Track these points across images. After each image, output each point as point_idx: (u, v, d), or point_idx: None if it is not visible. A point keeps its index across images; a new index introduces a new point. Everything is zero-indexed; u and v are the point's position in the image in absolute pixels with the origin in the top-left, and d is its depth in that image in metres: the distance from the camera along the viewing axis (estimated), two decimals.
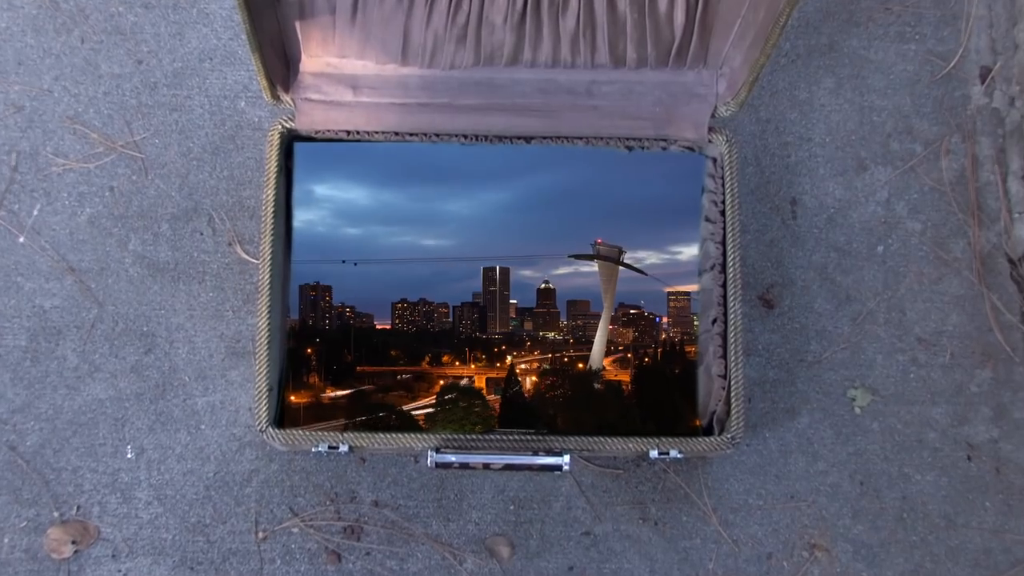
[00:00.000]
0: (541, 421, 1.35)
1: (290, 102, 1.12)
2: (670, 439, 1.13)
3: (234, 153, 1.30)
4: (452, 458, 1.07)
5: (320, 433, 1.15)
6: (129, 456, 1.22)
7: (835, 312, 1.29)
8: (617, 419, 1.40)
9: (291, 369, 1.44)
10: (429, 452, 1.08)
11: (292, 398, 1.43)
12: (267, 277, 1.19)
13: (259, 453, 1.30)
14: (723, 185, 1.17)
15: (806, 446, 1.25)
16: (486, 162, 1.26)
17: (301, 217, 1.32)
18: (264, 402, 1.16)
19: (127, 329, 1.28)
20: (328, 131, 1.17)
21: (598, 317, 1.84)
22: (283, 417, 1.23)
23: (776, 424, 1.29)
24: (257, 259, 1.34)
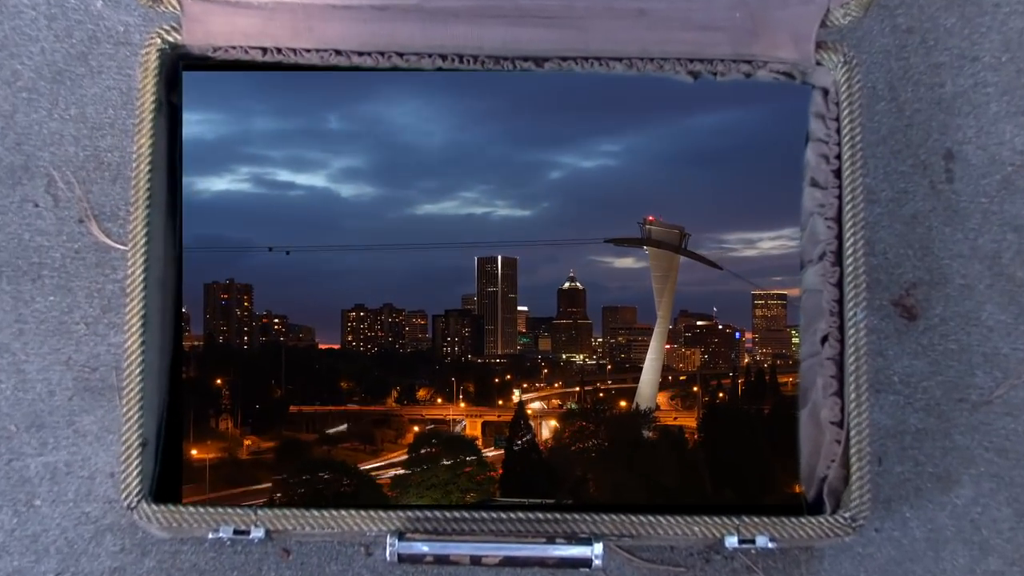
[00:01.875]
0: (563, 488, 1.35)
1: (174, 2, 1.13)
2: (756, 519, 1.13)
3: (87, 81, 1.28)
4: (424, 547, 1.06)
5: (223, 511, 1.13)
6: None
7: (1014, 326, 1.29)
8: (677, 486, 1.40)
9: (187, 411, 1.44)
10: (389, 539, 1.07)
11: (194, 452, 1.40)
12: (140, 272, 1.18)
13: (126, 542, 1.29)
14: (839, 131, 1.17)
15: (970, 533, 1.26)
16: (476, 97, 1.25)
17: (197, 180, 1.31)
18: (135, 463, 1.14)
19: None
20: (233, 48, 1.16)
21: (648, 332, 1.82)
22: (169, 485, 1.22)
23: (922, 498, 1.28)
24: (125, 244, 1.32)
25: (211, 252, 1.41)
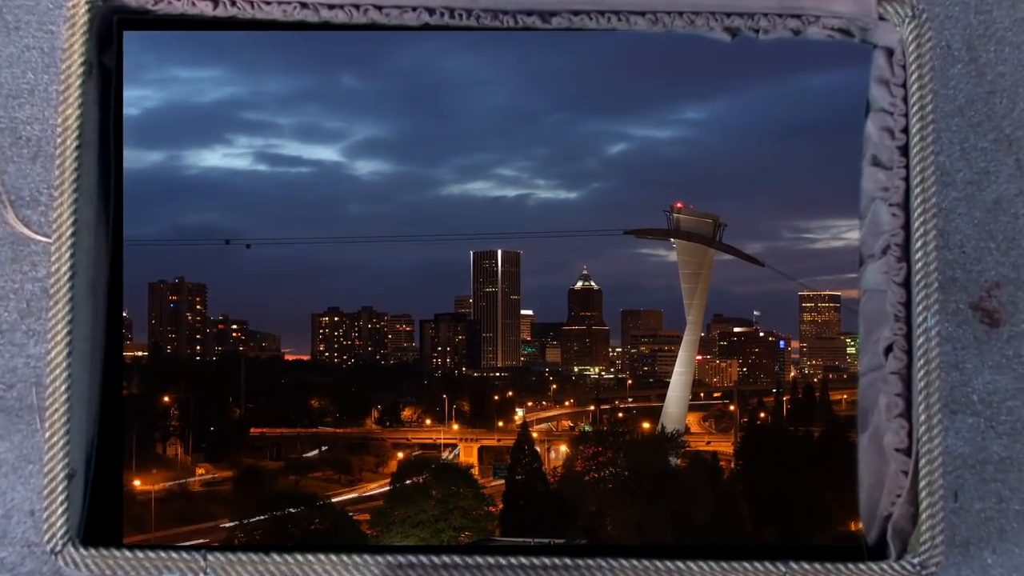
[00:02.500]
0: (575, 526, 1.32)
1: None
2: (807, 565, 1.12)
3: (0, 40, 1.27)
4: None
5: (167, 555, 1.12)
6: None
7: None
8: (712, 522, 1.37)
9: (127, 435, 1.42)
10: None
11: (135, 484, 1.38)
12: (66, 269, 1.16)
13: None
14: (906, 100, 1.15)
15: None
16: (470, 60, 1.22)
17: (138, 158, 1.29)
18: (60, 499, 1.13)
19: None
20: (179, 1, 1.15)
21: (675, 340, 1.80)
22: (104, 524, 1.20)
23: (1006, 540, 1.26)
24: (48, 235, 1.30)
25: (157, 247, 1.37)
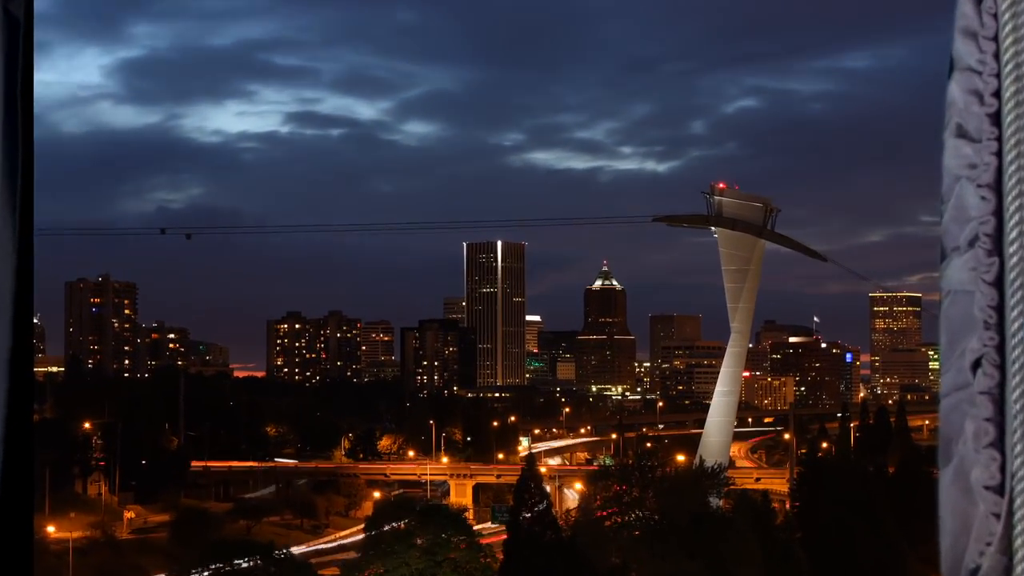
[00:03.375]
0: None
1: None
2: None
3: None
4: None
5: None
6: None
7: None
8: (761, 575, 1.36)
9: (38, 469, 1.42)
10: None
11: (49, 530, 1.38)
12: None
13: None
14: (998, 56, 1.14)
15: None
16: None
17: (129, 117, 1.28)
18: None
19: None
20: None
21: (717, 352, 1.79)
22: None
23: None
24: None
25: (77, 237, 1.35)
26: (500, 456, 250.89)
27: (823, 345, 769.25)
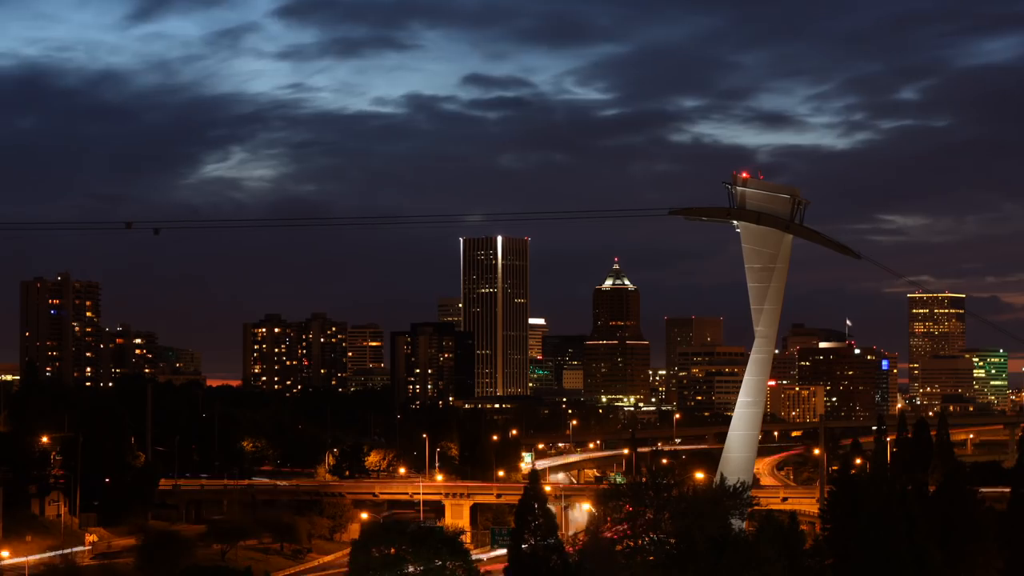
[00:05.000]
0: None
1: None
2: None
3: None
4: None
5: None
6: None
7: None
8: None
9: None
10: None
11: (3, 555, 1.37)
12: None
13: None
14: None
15: None
16: None
17: (198, 79, 1.25)
18: None
19: None
20: None
21: (740, 358, 1.77)
22: None
23: None
24: None
25: (32, 231, 1.31)
26: (500, 473, 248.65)
27: (857, 351, 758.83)
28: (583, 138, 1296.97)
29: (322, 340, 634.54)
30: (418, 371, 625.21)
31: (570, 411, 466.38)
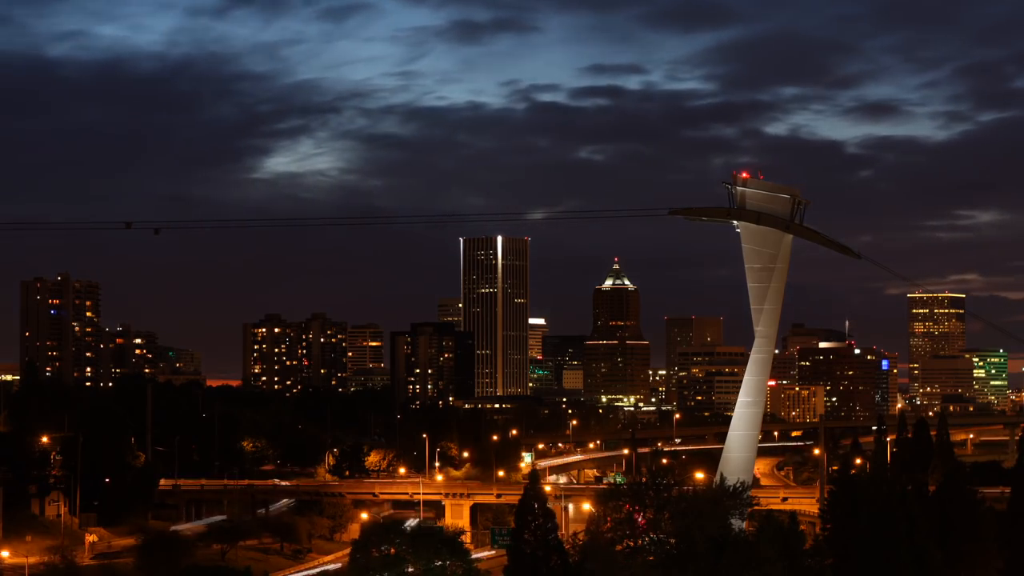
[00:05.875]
0: None
1: None
2: None
3: None
4: None
5: None
6: None
7: None
8: None
9: None
10: None
11: (3, 555, 1.37)
12: None
13: None
14: None
15: None
16: None
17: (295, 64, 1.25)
18: None
19: None
20: None
21: (740, 358, 1.78)
22: None
23: None
24: None
25: (32, 232, 1.31)
26: (500, 474, 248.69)
27: (857, 351, 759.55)
28: (674, 129, 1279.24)
29: (322, 340, 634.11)
30: (418, 371, 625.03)
31: (570, 411, 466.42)
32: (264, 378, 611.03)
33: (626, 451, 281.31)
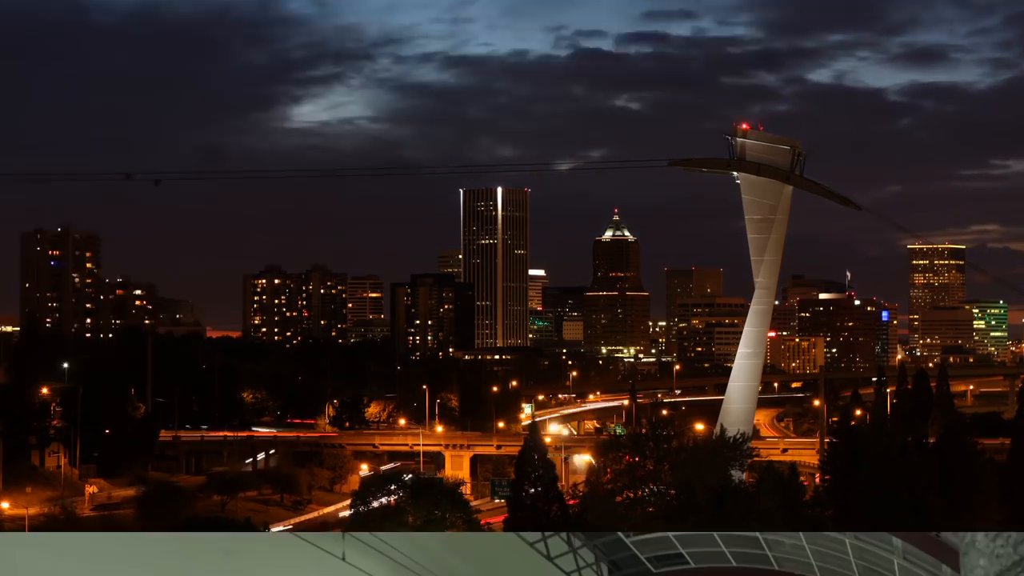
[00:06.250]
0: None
1: None
2: None
3: None
4: None
5: None
6: None
7: None
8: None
9: None
10: None
11: (3, 506, 1.37)
12: None
13: None
14: None
15: None
16: None
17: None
18: None
19: None
20: None
21: (740, 310, 1.79)
22: None
23: None
24: None
25: (32, 183, 1.30)
26: (500, 425, 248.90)
27: (857, 302, 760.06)
28: (713, 75, 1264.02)
29: (322, 291, 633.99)
30: (418, 322, 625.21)
31: (570, 362, 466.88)
32: (264, 329, 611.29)
33: (626, 402, 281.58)
